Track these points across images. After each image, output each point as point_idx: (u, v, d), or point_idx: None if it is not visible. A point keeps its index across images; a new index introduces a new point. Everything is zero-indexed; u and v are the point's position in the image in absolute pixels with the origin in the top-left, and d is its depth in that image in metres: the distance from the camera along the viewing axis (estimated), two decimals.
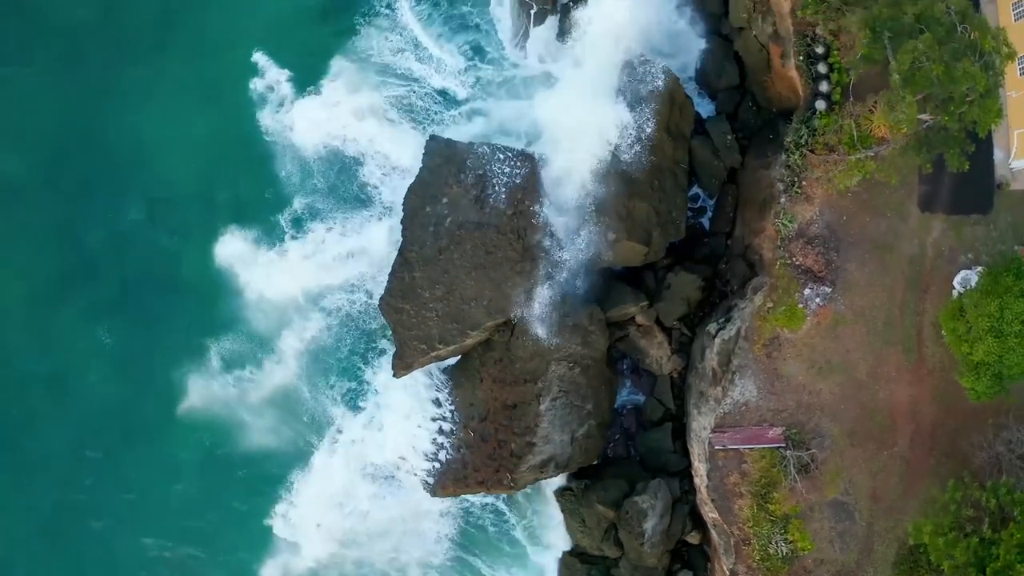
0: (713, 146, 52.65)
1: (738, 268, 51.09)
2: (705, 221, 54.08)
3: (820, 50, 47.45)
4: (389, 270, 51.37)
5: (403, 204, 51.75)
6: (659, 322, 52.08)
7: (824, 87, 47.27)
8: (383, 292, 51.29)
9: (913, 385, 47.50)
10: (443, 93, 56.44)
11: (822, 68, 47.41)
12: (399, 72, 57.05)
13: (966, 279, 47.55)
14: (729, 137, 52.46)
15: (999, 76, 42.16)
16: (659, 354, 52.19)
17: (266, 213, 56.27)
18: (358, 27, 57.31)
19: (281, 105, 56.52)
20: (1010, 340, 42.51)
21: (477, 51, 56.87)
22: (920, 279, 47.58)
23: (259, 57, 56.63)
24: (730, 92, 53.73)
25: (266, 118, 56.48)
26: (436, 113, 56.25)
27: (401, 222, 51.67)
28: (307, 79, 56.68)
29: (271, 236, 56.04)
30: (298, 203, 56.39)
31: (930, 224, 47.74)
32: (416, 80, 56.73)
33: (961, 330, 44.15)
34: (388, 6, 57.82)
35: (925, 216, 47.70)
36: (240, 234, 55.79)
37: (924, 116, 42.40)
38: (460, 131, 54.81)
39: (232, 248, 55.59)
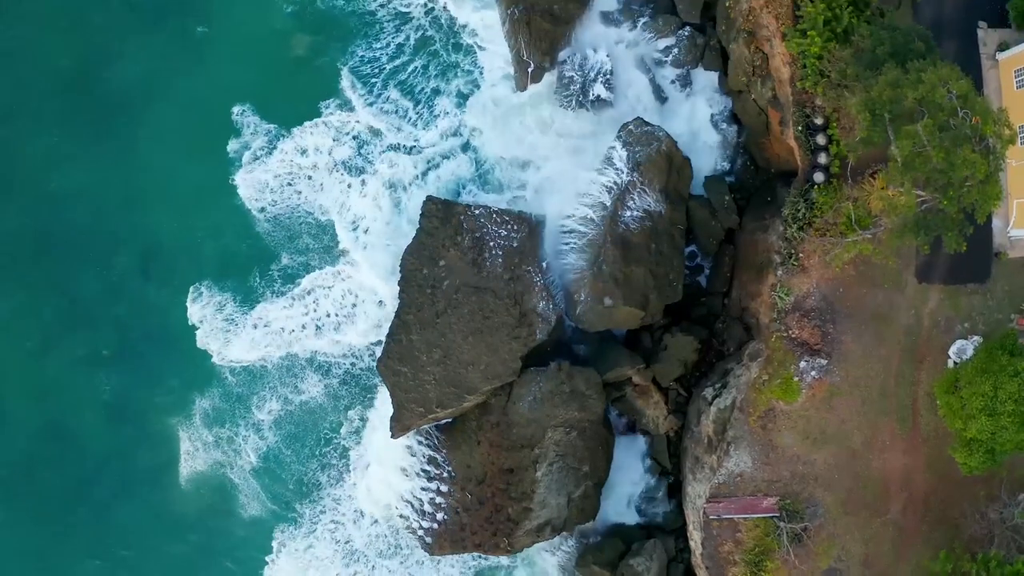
0: (711, 207, 52.48)
1: (735, 331, 51.22)
2: (702, 279, 54.04)
3: (819, 121, 47.15)
4: (386, 331, 51.47)
5: (400, 266, 51.66)
6: (656, 382, 52.31)
7: (823, 159, 47.06)
8: (381, 353, 51.37)
9: (907, 454, 47.91)
10: (439, 150, 55.59)
11: (821, 140, 47.16)
12: (390, 137, 56.21)
13: (962, 349, 47.74)
14: (727, 198, 52.27)
15: (999, 160, 41.98)
16: (655, 414, 52.50)
17: (253, 269, 55.81)
18: (341, 81, 56.51)
19: (257, 159, 55.74)
20: (1003, 419, 42.85)
21: (464, 104, 55.84)
22: (916, 349, 47.76)
23: (239, 114, 55.96)
24: (728, 151, 53.41)
25: (248, 174, 55.69)
26: (431, 169, 55.50)
27: (398, 283, 51.63)
28: (287, 131, 56.09)
29: (258, 293, 55.65)
30: (286, 259, 55.79)
31: (927, 294, 47.82)
32: (410, 136, 55.98)
33: (955, 406, 44.46)
34: (375, 64, 56.75)
35: (922, 286, 47.77)
36: (226, 291, 55.54)
37: (921, 193, 42.25)
38: (453, 188, 54.61)
39: (216, 306, 55.40)
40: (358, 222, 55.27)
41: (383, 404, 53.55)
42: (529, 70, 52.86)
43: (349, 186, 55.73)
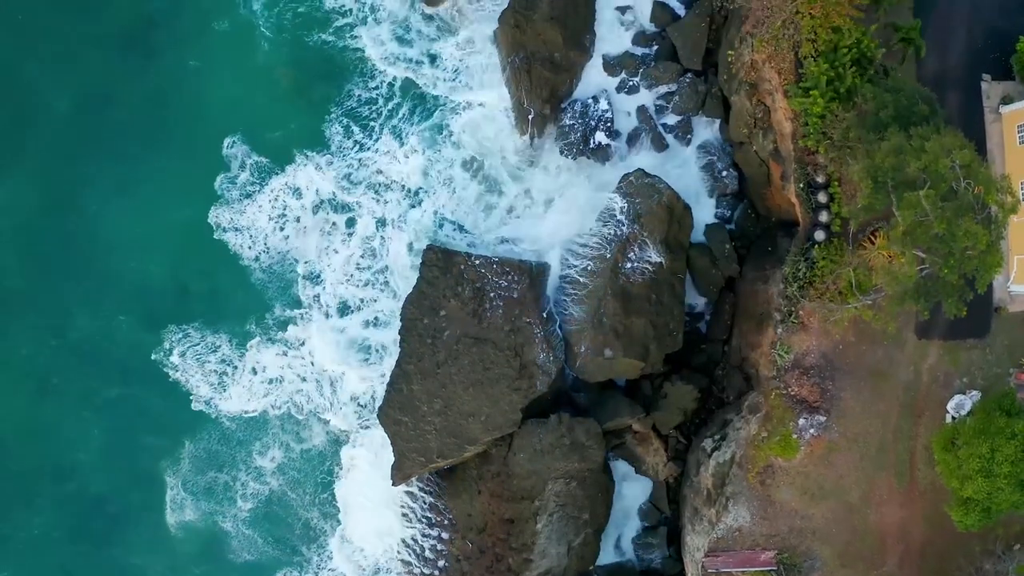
0: (711, 255, 52.45)
1: (734, 380, 51.42)
2: (702, 326, 54.06)
3: (821, 179, 46.97)
4: (387, 379, 51.73)
5: (401, 315, 51.73)
6: (656, 429, 52.57)
7: (824, 217, 46.96)
8: (381, 402, 51.65)
9: (904, 507, 48.32)
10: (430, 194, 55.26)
11: (822, 198, 47.05)
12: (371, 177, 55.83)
13: (960, 404, 47.96)
14: (727, 247, 52.20)
15: (1001, 229, 41.93)
16: (655, 461, 52.81)
17: (247, 315, 55.69)
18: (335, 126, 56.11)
19: (243, 198, 55.47)
20: (999, 481, 43.22)
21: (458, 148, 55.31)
22: (914, 404, 47.98)
23: (228, 151, 55.40)
24: (729, 198, 53.30)
25: (231, 213, 55.39)
26: (433, 219, 55.11)
27: (399, 333, 51.73)
28: (275, 171, 55.81)
29: (249, 340, 55.62)
30: (277, 309, 55.65)
31: (926, 350, 47.97)
32: (408, 184, 55.63)
33: (952, 464, 44.82)
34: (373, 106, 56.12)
35: (922, 342, 47.90)
36: (219, 333, 55.61)
37: (921, 254, 42.24)
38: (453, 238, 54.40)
39: (208, 348, 55.48)
40: (342, 268, 55.06)
41: (384, 449, 53.68)
42: (530, 117, 52.56)
43: (334, 224, 55.39)
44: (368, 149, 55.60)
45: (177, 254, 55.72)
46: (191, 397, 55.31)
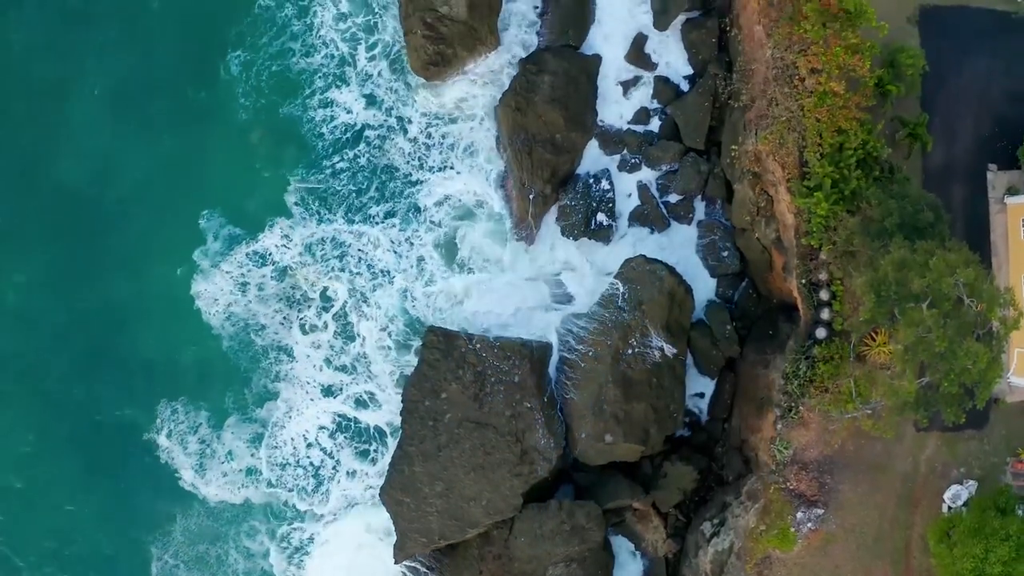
0: (712, 336, 52.42)
1: (734, 462, 51.79)
2: (703, 404, 54.23)
3: (823, 276, 46.76)
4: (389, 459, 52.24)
5: (402, 397, 51.92)
6: (655, 507, 53.06)
7: (825, 314, 46.84)
8: (384, 482, 52.07)
9: None
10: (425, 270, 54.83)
11: (824, 295, 46.87)
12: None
13: (957, 494, 48.43)
14: (728, 328, 52.14)
15: (1003, 343, 41.97)
16: (654, 538, 53.34)
17: (222, 393, 55.18)
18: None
19: (217, 267, 54.58)
20: None
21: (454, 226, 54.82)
22: (912, 494, 48.46)
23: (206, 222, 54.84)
24: (731, 277, 53.16)
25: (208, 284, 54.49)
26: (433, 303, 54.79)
27: (400, 414, 51.98)
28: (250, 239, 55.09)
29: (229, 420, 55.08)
30: (254, 386, 55.07)
31: (925, 442, 48.33)
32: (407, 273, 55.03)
33: (946, 559, 45.51)
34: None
35: (920, 434, 48.20)
36: (199, 410, 55.26)
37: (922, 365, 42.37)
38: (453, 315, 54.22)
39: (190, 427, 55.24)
40: (312, 345, 54.82)
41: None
42: (531, 197, 52.11)
43: (306, 299, 54.88)
44: (349, 222, 54.82)
45: (163, 327, 55.04)
46: (178, 477, 54.99)
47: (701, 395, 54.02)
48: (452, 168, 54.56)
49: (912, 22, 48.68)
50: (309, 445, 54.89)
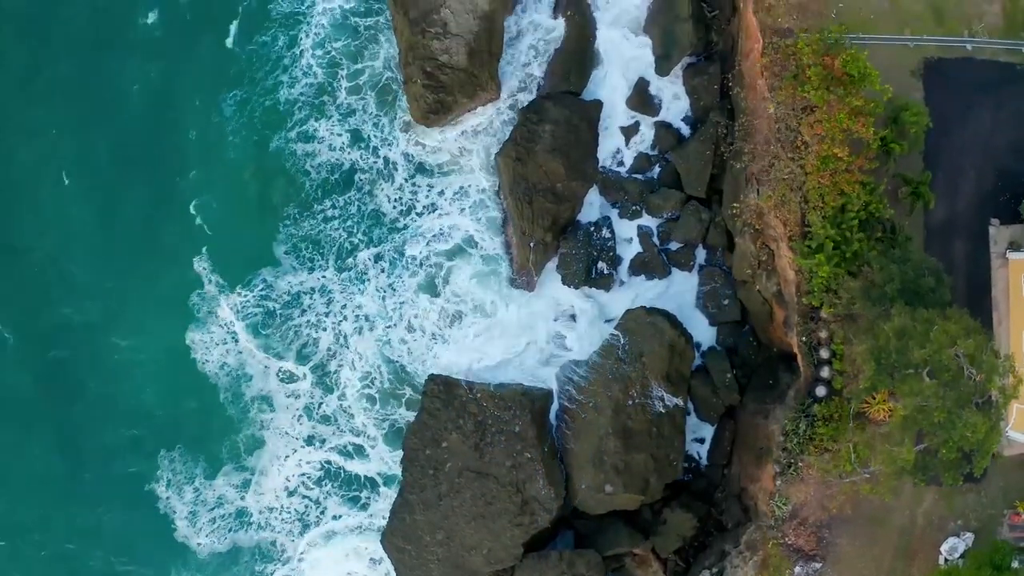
0: (713, 384, 52.51)
1: (733, 509, 52.10)
2: (702, 449, 54.42)
3: (824, 335, 46.76)
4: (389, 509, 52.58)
5: (403, 445, 52.17)
6: (655, 552, 53.44)
7: (825, 372, 46.91)
8: (385, 529, 52.47)
9: None
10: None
11: (824, 353, 46.90)
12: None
13: (953, 547, 48.82)
14: (728, 376, 52.20)
15: (1001, 412, 42.13)
16: None
17: (217, 443, 55.06)
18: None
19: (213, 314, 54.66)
20: None
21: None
22: (909, 547, 48.84)
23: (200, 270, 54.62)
24: (731, 325, 53.16)
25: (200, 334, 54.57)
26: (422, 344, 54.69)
27: (401, 463, 52.26)
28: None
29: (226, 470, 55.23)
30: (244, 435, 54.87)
31: (923, 495, 48.56)
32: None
33: None
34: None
35: (918, 488, 48.40)
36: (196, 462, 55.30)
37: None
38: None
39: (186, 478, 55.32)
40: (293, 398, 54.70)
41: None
42: (531, 245, 51.98)
43: (292, 347, 54.81)
44: (338, 270, 54.58)
45: (162, 377, 54.99)
46: (174, 528, 55.13)
47: (701, 440, 54.21)
48: (446, 212, 54.30)
49: (916, 75, 48.22)
50: (291, 493, 54.77)
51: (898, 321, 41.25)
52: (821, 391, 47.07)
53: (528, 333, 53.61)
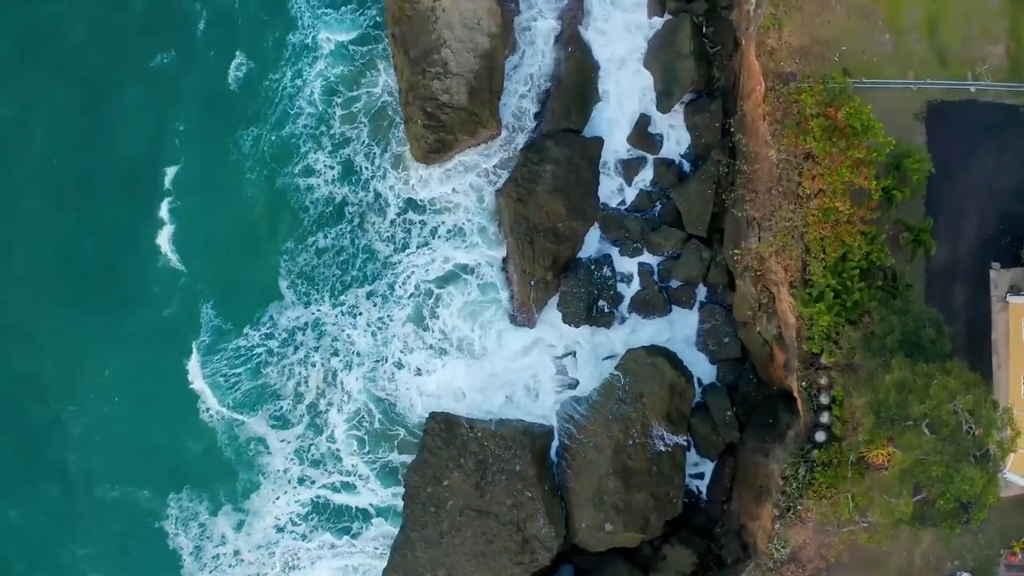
0: (713, 422, 52.69)
1: (732, 545, 52.42)
2: (702, 484, 54.68)
3: (824, 381, 46.84)
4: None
5: (404, 482, 52.45)
6: None
7: (825, 418, 47.03)
8: (386, 565, 52.87)
9: None
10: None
11: (824, 399, 46.99)
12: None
13: None
14: (728, 413, 52.37)
15: (999, 464, 42.30)
16: None
17: (218, 484, 55.28)
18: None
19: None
20: None
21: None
22: None
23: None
24: (731, 363, 53.26)
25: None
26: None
27: (402, 498, 52.57)
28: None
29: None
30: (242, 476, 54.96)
31: (920, 537, 48.67)
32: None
33: None
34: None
35: (915, 530, 48.65)
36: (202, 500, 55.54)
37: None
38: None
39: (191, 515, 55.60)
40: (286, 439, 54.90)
41: None
42: (532, 283, 51.97)
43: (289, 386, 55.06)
44: (334, 305, 54.65)
45: (167, 419, 55.14)
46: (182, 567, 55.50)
47: (700, 476, 54.50)
48: (441, 248, 54.31)
49: (919, 118, 47.93)
50: (280, 530, 54.90)
51: (898, 374, 41.29)
52: (820, 436, 47.18)
53: (528, 370, 53.63)
